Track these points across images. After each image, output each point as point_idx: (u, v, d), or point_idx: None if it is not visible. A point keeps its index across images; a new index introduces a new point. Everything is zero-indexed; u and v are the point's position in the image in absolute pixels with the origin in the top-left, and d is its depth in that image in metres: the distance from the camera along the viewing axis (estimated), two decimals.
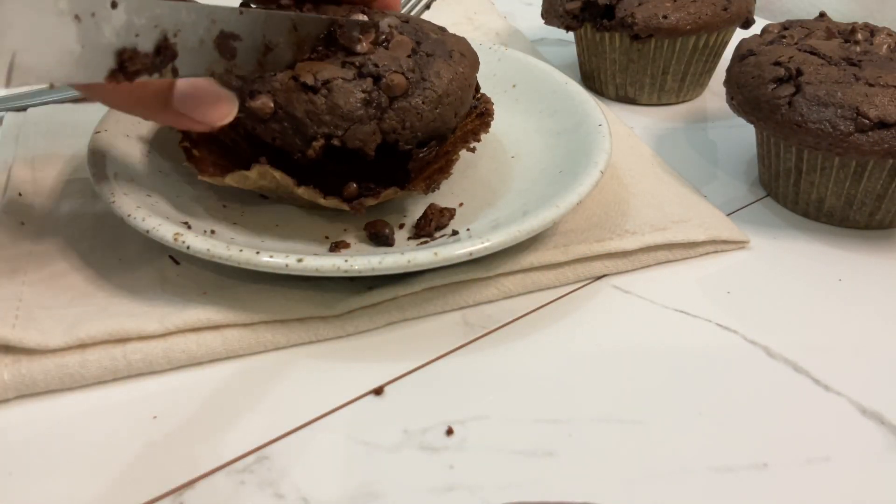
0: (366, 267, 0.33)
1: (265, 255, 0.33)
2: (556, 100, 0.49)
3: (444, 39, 0.41)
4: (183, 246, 0.34)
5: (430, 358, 0.35)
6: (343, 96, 0.36)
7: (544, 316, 0.38)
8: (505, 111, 0.49)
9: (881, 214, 0.43)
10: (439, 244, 0.35)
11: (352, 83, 0.36)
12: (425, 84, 0.38)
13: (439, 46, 0.40)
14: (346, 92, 0.36)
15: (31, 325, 0.33)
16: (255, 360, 0.35)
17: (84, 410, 0.32)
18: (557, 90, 0.49)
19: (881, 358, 0.36)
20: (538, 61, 0.52)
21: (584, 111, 0.46)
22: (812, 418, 0.33)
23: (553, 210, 0.37)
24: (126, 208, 0.35)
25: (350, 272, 0.33)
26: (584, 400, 0.33)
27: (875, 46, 0.45)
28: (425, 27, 0.41)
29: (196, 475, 0.29)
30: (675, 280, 0.40)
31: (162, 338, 0.34)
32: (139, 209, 0.35)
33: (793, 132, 0.41)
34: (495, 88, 0.50)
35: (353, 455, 0.31)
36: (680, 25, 0.53)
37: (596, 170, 0.40)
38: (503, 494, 0.29)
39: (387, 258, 0.34)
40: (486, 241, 0.35)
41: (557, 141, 0.46)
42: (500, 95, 0.50)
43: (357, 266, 0.33)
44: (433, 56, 0.39)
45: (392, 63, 0.37)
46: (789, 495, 0.29)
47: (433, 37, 0.40)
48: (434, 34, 0.40)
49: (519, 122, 0.49)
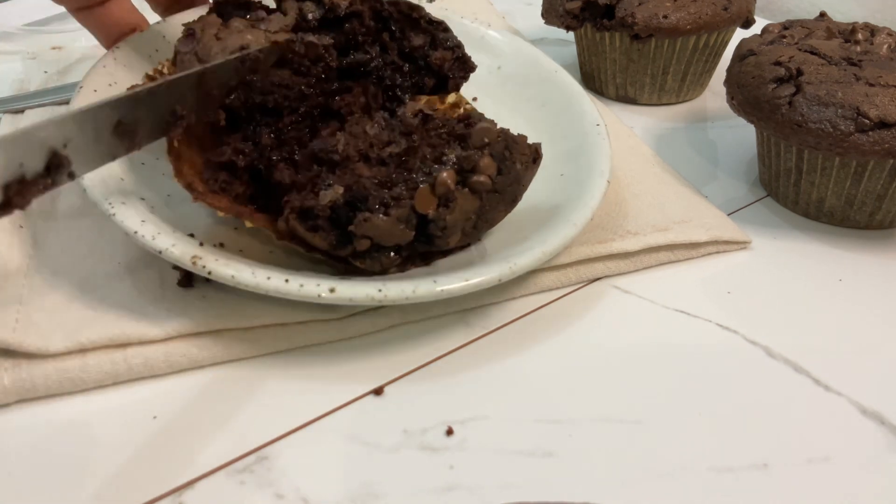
0: (399, 296, 0.33)
1: (295, 284, 0.32)
2: (545, 89, 0.48)
3: (523, 177, 0.37)
4: (203, 271, 0.32)
5: (430, 358, 0.35)
6: (390, 237, 0.34)
7: (545, 316, 0.38)
8: (491, 100, 0.47)
9: (881, 214, 0.43)
10: (466, 269, 0.34)
11: (402, 226, 0.34)
12: (474, 233, 0.37)
13: (512, 185, 0.36)
14: (396, 234, 0.34)
15: (32, 328, 0.33)
16: (256, 361, 0.35)
17: (84, 412, 0.32)
18: (547, 79, 0.48)
19: (881, 358, 0.36)
20: (523, 43, 0.51)
21: (580, 107, 0.46)
22: (812, 418, 0.33)
23: (571, 228, 0.37)
24: (131, 223, 0.33)
25: (384, 302, 0.33)
26: (584, 400, 0.33)
27: (875, 46, 0.45)
28: (515, 152, 0.36)
29: (196, 475, 0.29)
30: (676, 280, 0.40)
31: (163, 342, 0.34)
32: (145, 224, 0.33)
33: (793, 132, 0.41)
34: (479, 70, 0.47)
35: (353, 455, 0.31)
36: (680, 25, 0.53)
37: (602, 179, 0.40)
38: (503, 494, 0.29)
39: (420, 287, 0.33)
40: (514, 264, 0.34)
41: (552, 137, 0.44)
42: (486, 77, 0.48)
43: (391, 295, 0.32)
44: (497, 206, 0.36)
45: (457, 223, 0.35)
46: (789, 495, 0.29)
47: (517, 169, 0.36)
48: (520, 164, 0.36)
49: (507, 113, 0.47)
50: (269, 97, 0.37)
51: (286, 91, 0.37)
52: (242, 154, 0.36)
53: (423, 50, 0.41)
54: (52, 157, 0.28)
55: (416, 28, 0.41)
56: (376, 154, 0.36)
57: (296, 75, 0.38)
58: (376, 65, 0.40)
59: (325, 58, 0.38)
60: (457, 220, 0.35)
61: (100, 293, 0.36)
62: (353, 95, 0.39)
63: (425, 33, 0.41)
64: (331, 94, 0.39)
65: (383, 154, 0.36)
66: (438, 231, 0.34)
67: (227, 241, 0.37)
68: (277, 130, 0.37)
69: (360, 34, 0.40)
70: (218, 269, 0.32)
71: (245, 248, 0.37)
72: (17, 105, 0.52)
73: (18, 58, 0.61)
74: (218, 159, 0.36)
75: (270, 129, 0.37)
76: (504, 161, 0.35)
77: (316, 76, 0.38)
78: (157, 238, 0.33)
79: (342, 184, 0.34)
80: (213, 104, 0.36)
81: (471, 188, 0.34)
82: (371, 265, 0.35)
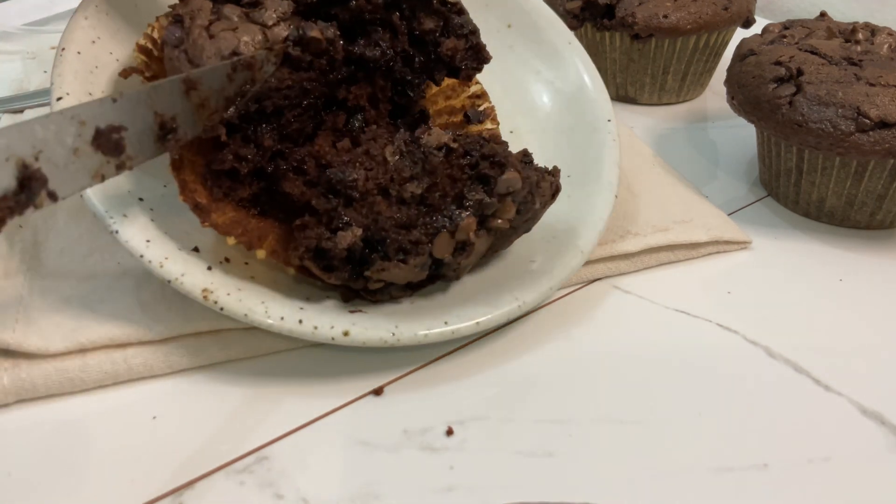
0: (412, 340, 0.33)
1: (309, 326, 0.32)
2: (554, 65, 0.46)
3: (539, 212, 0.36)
4: (216, 307, 0.32)
5: (431, 358, 0.35)
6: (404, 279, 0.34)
7: (545, 316, 0.38)
8: (499, 63, 0.45)
9: (882, 214, 0.43)
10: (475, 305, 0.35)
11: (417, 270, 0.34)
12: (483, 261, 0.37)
13: (528, 221, 0.36)
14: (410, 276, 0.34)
15: (32, 329, 0.33)
16: (256, 361, 0.35)
17: (84, 412, 0.32)
18: (559, 50, 0.46)
19: (882, 358, 0.36)
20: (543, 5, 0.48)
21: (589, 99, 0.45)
22: (812, 418, 0.33)
23: (578, 256, 0.37)
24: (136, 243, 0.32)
25: (397, 346, 0.33)
26: (584, 400, 0.33)
27: (876, 46, 0.45)
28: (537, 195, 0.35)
29: (196, 475, 0.29)
30: (676, 280, 0.40)
31: (162, 342, 0.34)
32: (150, 246, 0.33)
33: (793, 132, 0.41)
34: (487, 26, 0.44)
35: (353, 455, 0.30)
36: (680, 25, 0.53)
37: (610, 194, 0.40)
38: (503, 494, 0.29)
39: (432, 332, 0.33)
40: (522, 302, 0.35)
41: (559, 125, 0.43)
42: (493, 37, 0.45)
43: (404, 339, 0.33)
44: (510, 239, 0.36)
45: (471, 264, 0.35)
46: (790, 495, 0.29)
47: (536, 208, 0.35)
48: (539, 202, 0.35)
49: (514, 83, 0.46)
50: (269, 102, 0.35)
51: (287, 91, 0.35)
52: (245, 160, 0.35)
53: (434, 35, 0.38)
54: (22, 169, 0.25)
55: (427, 8, 0.37)
56: (396, 192, 0.34)
57: (297, 72, 0.35)
58: (384, 53, 0.37)
59: (328, 51, 0.35)
60: (471, 262, 0.35)
61: (100, 293, 0.36)
62: (360, 87, 0.37)
63: (438, 15, 0.37)
64: (335, 85, 0.37)
65: (404, 193, 0.34)
66: (451, 272, 0.35)
67: (232, 255, 0.36)
68: (280, 128, 0.35)
69: (367, 12, 0.36)
70: (230, 306, 0.32)
71: (250, 261, 0.36)
72: (17, 105, 0.52)
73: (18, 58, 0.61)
74: (219, 167, 0.35)
75: (272, 128, 0.35)
76: (525, 203, 0.34)
77: (320, 69, 0.36)
78: (166, 265, 0.32)
79: (359, 221, 0.33)
80: (211, 117, 0.33)
81: (488, 230, 0.34)
82: (382, 297, 0.35)
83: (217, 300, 0.32)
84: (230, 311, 0.32)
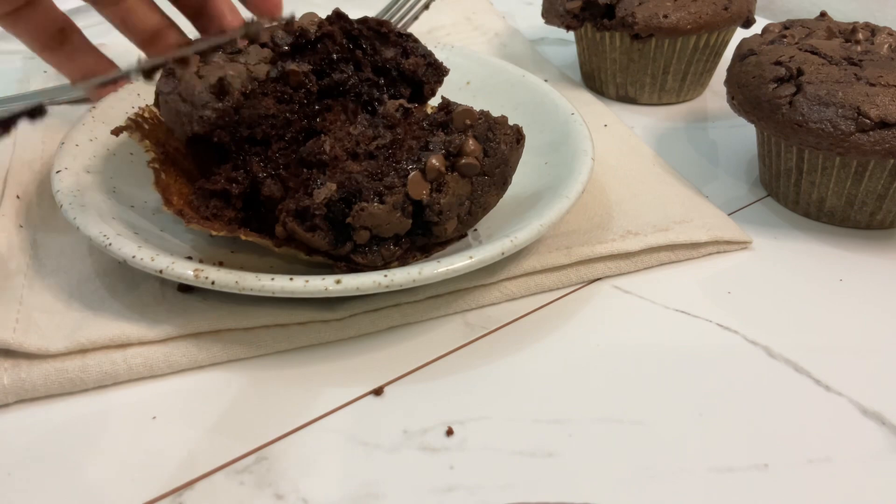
0: (406, 279, 0.33)
1: (300, 281, 0.32)
2: (515, 93, 0.49)
3: (509, 158, 0.37)
4: (207, 282, 0.33)
5: (430, 358, 0.35)
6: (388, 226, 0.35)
7: (545, 316, 0.38)
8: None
9: (882, 214, 0.43)
10: (470, 249, 0.35)
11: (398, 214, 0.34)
12: (470, 220, 0.37)
13: (500, 166, 0.36)
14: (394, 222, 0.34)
15: (31, 329, 0.33)
16: (256, 361, 0.35)
17: (84, 412, 0.32)
18: (515, 83, 0.50)
19: (882, 358, 0.36)
20: (487, 56, 0.53)
21: (552, 102, 0.47)
22: (813, 418, 0.33)
23: (564, 201, 0.38)
24: (128, 249, 0.34)
25: (391, 287, 0.33)
26: (584, 400, 0.33)
27: (876, 46, 0.45)
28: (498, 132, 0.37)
29: (196, 475, 0.29)
30: (676, 280, 0.40)
31: (162, 342, 0.34)
32: (141, 249, 0.34)
33: (793, 132, 0.41)
34: (449, 86, 0.48)
35: (353, 455, 0.30)
36: (680, 25, 0.53)
37: (587, 158, 0.41)
38: (503, 494, 0.29)
39: (425, 269, 0.33)
40: (514, 237, 0.35)
41: (531, 133, 0.44)
42: (456, 93, 0.49)
43: (398, 279, 0.33)
44: (488, 190, 0.37)
45: (452, 208, 0.35)
46: (790, 495, 0.29)
47: (502, 149, 0.36)
48: (504, 145, 0.37)
49: None
50: (257, 129, 0.38)
51: (272, 120, 0.39)
52: (236, 182, 0.38)
53: (396, 60, 0.42)
54: None
55: (386, 42, 0.42)
56: (364, 149, 0.37)
57: (280, 104, 0.39)
58: (353, 82, 0.41)
59: (305, 83, 0.40)
60: (451, 204, 0.35)
61: (100, 293, 0.36)
62: (334, 113, 0.41)
63: (395, 45, 0.42)
64: (313, 116, 0.40)
65: (371, 148, 0.37)
66: (435, 216, 0.35)
67: (226, 259, 0.38)
68: (265, 156, 0.39)
69: (335, 53, 0.41)
70: (221, 278, 0.33)
71: (244, 265, 0.37)
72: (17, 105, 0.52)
73: (18, 58, 0.61)
74: (211, 187, 0.38)
75: (259, 156, 0.39)
76: (489, 142, 0.36)
77: (299, 101, 0.40)
78: (157, 259, 0.33)
79: (334, 181, 0.35)
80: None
81: (460, 171, 0.35)
82: (372, 259, 0.35)
83: (208, 276, 0.33)
84: (221, 284, 0.33)
